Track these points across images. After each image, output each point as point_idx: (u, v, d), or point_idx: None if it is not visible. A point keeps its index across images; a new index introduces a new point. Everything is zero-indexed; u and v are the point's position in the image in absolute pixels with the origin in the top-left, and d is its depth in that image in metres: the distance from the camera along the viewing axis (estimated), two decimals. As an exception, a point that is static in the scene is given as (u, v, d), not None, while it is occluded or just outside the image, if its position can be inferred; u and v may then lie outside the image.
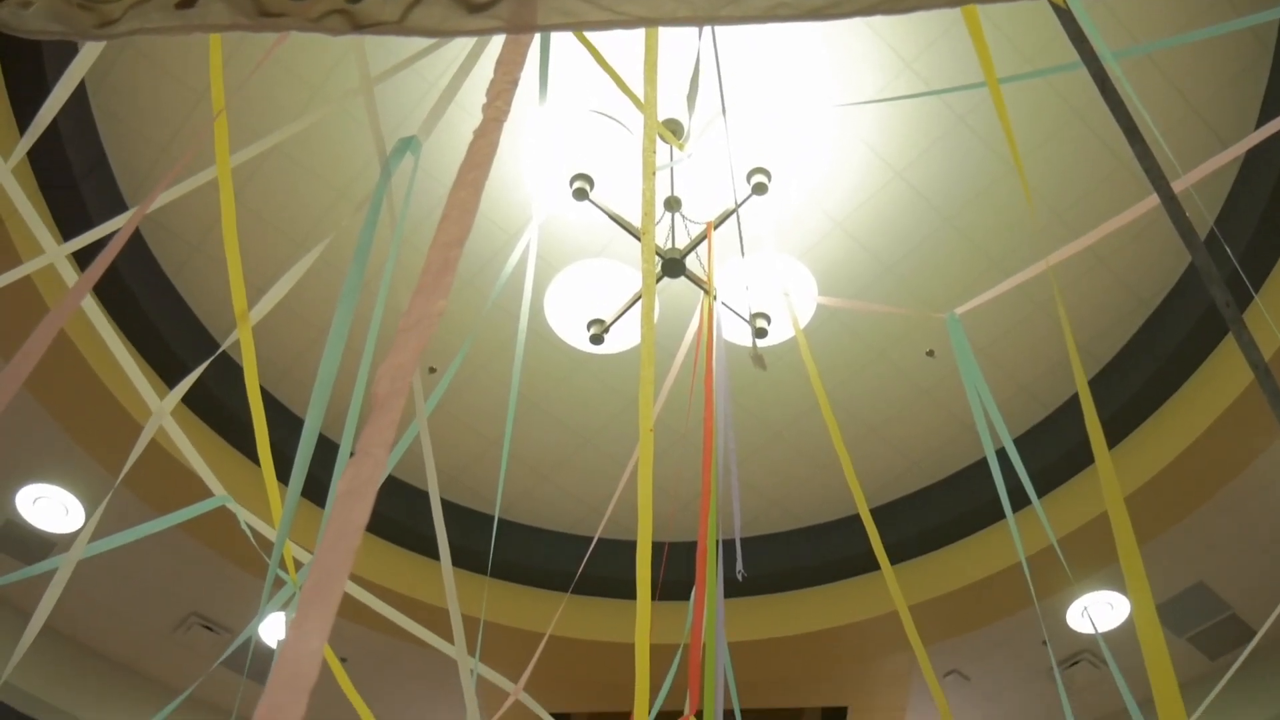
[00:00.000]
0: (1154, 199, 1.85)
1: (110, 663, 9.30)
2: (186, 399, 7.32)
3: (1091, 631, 8.67)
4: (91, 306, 1.88)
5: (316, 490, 6.27)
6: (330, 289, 7.18)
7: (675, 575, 5.76)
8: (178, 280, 7.18)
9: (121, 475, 1.90)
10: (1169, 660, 1.09)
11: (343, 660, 8.88)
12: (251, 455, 7.56)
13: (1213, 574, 8.31)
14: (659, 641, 3.97)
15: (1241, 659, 3.07)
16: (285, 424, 7.52)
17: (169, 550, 8.09)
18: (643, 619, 1.53)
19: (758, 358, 3.46)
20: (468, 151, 0.80)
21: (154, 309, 6.98)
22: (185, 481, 6.97)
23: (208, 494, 2.28)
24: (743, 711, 2.84)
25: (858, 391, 7.81)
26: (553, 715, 9.93)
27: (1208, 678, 8.84)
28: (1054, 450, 7.87)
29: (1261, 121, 6.34)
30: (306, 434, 1.40)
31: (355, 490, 0.52)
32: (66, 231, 6.14)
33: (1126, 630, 8.36)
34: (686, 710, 1.92)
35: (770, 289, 3.90)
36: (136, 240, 6.92)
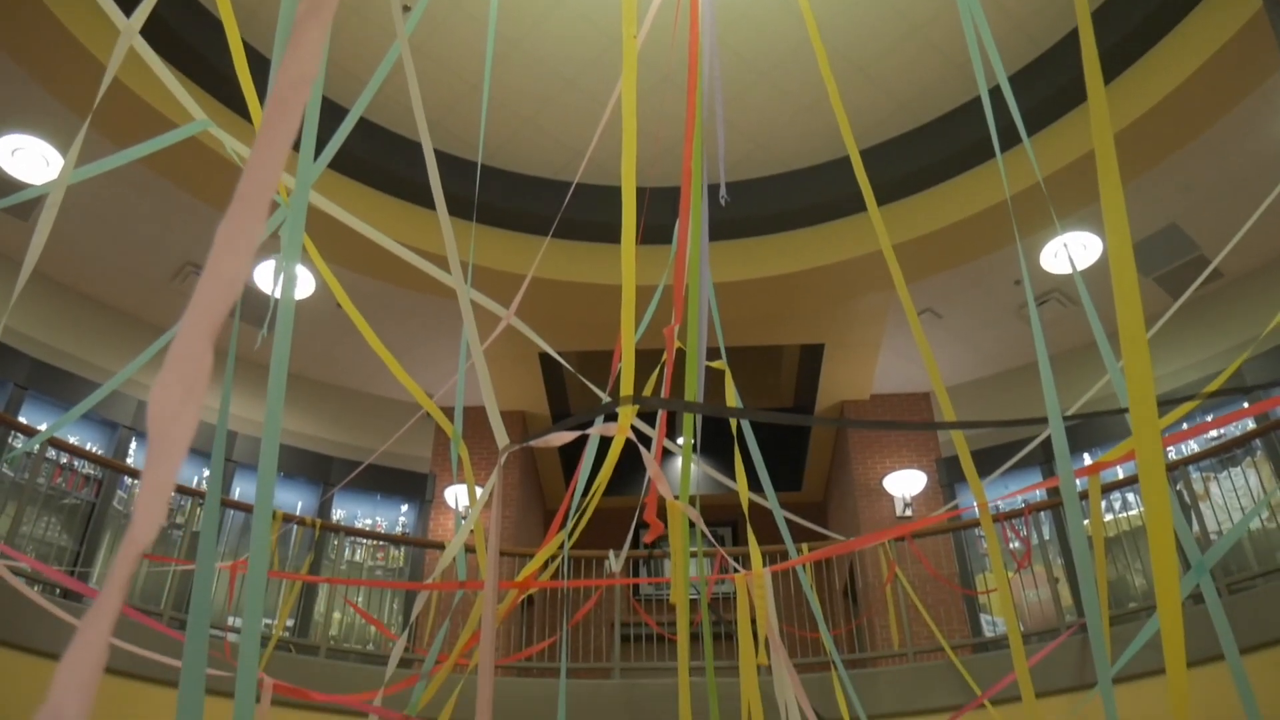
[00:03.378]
0: None
1: (114, 311, 9.59)
2: (152, 43, 7.04)
3: (1061, 272, 8.96)
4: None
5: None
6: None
7: (657, 221, 5.84)
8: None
9: (99, 96, 1.86)
10: (1138, 292, 1.13)
11: (338, 306, 9.16)
12: (223, 99, 7.38)
13: (1186, 216, 8.46)
14: (642, 283, 4.10)
15: (1195, 286, 3.20)
16: (255, 66, 7.27)
17: (159, 201, 8.11)
18: (628, 236, 1.56)
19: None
20: None
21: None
22: (160, 124, 6.87)
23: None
24: (725, 349, 2.98)
25: (846, 26, 7.54)
26: (540, 356, 10.40)
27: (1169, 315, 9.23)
28: (1038, 93, 7.76)
29: None
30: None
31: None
32: None
33: (1095, 271, 8.63)
34: (668, 357, 2.01)
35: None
36: None
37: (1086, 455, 9.77)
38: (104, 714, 5.92)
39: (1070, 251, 7.73)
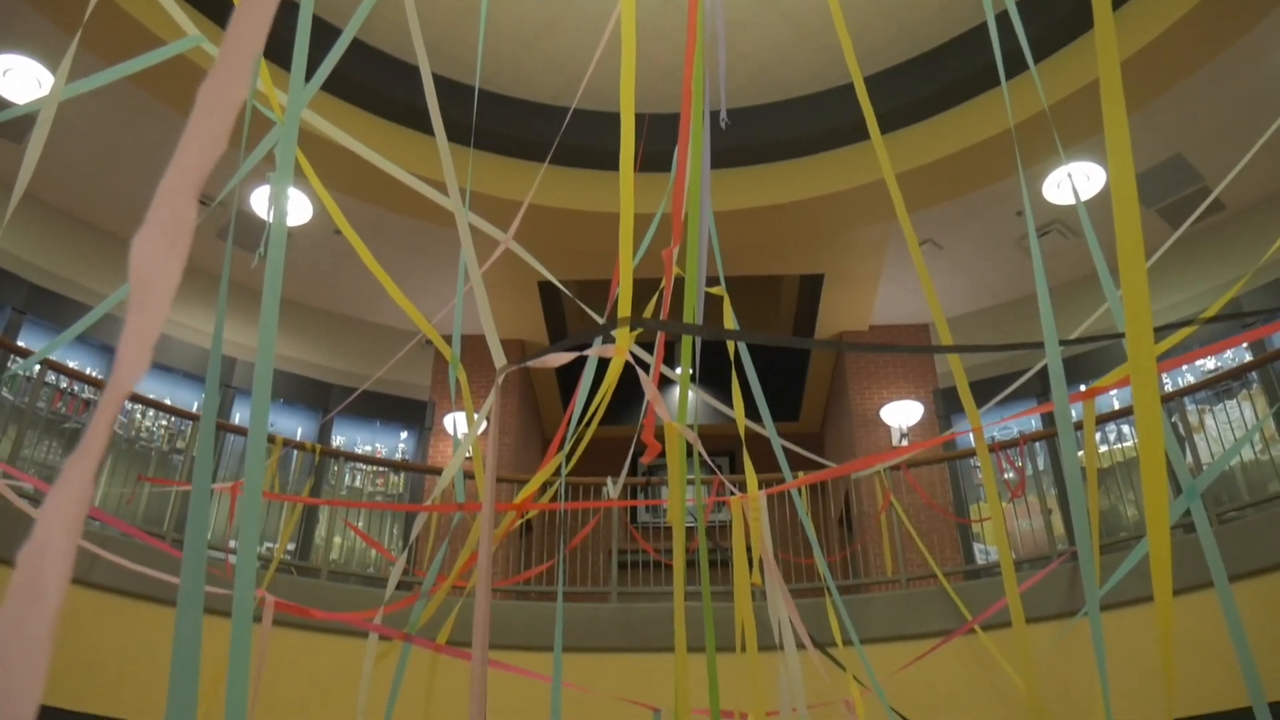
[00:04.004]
0: None
1: (112, 236, 9.54)
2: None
3: (1064, 203, 8.90)
4: None
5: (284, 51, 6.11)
6: None
7: (656, 148, 5.78)
8: None
9: (88, 11, 1.83)
10: (1139, 224, 1.12)
11: (335, 233, 9.12)
12: (217, 19, 7.27)
13: (1191, 147, 8.38)
14: (641, 211, 4.07)
15: (1195, 215, 3.17)
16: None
17: (155, 125, 8.03)
18: (627, 147, 1.54)
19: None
20: None
21: None
22: (153, 44, 6.77)
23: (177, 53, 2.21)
24: (724, 278, 2.97)
25: (853, -48, 7.40)
26: (538, 285, 10.38)
27: (1169, 247, 9.16)
28: (1043, 21, 7.64)
29: None
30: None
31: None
32: None
33: (1097, 203, 8.57)
34: (666, 282, 1.99)
35: None
36: None
37: (1083, 387, 9.80)
38: (111, 634, 6.02)
39: (1074, 181, 7.67)
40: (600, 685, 6.29)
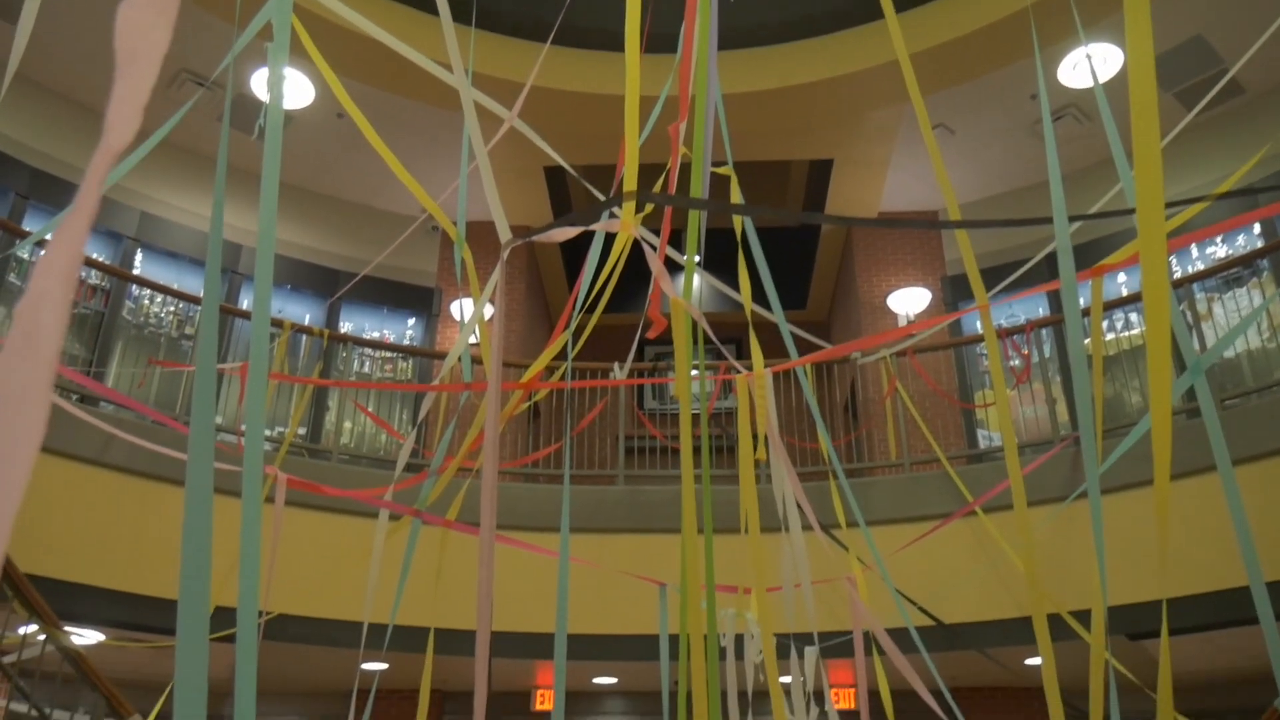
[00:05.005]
0: None
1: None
2: None
3: (1079, 86, 8.71)
4: None
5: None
6: None
7: (662, 29, 5.65)
8: None
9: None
10: (1156, 106, 1.09)
11: (339, 115, 9.00)
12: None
13: (1213, 27, 8.15)
14: (647, 94, 3.98)
15: (1211, 94, 3.10)
16: None
17: (144, 1, 7.84)
18: (633, 31, 1.50)
19: None
20: None
21: None
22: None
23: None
24: (732, 162, 2.93)
25: None
26: (544, 170, 10.26)
27: (1184, 130, 8.98)
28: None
29: None
30: None
31: None
32: None
33: (1112, 86, 8.38)
34: (673, 159, 1.95)
35: None
36: None
37: (1092, 275, 9.72)
38: (129, 513, 6.15)
39: (1092, 63, 7.50)
40: (607, 564, 6.44)
